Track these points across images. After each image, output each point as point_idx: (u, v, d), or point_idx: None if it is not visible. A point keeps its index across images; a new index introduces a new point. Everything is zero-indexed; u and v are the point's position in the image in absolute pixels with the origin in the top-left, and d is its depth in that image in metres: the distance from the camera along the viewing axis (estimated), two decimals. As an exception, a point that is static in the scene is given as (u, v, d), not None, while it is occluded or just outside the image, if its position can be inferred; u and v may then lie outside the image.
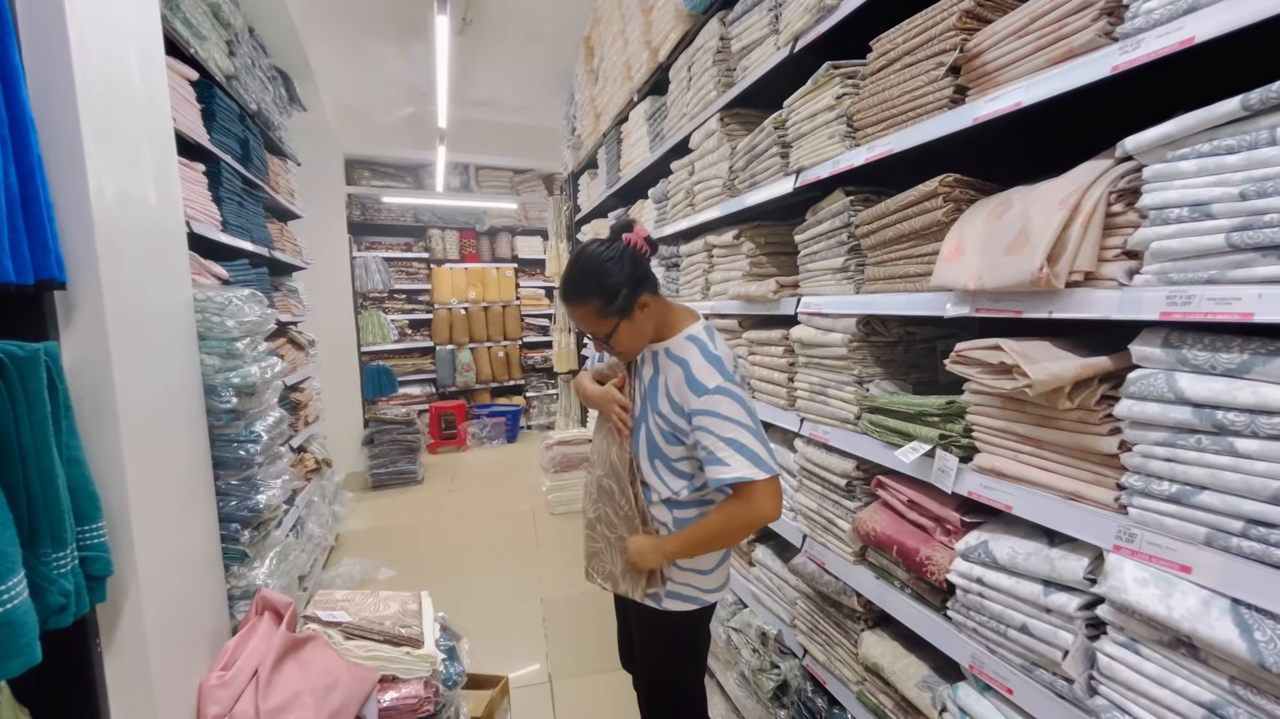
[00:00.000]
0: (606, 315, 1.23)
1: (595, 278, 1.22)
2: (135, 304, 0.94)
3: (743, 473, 1.16)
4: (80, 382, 0.81)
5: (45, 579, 0.69)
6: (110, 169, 0.89)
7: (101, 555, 0.77)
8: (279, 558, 1.46)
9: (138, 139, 1.01)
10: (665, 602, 1.37)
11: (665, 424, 1.26)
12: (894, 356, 1.49)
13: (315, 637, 1.28)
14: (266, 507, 1.32)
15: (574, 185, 4.48)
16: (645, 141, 2.81)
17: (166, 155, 1.17)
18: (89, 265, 0.81)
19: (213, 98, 2.37)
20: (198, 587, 1.16)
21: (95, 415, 0.83)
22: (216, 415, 1.25)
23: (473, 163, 6.53)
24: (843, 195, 1.49)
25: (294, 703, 1.12)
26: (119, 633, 0.87)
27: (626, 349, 1.30)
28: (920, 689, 1.28)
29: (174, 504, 1.06)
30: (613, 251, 1.23)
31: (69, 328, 0.80)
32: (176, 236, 1.20)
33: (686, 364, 1.24)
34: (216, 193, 2.37)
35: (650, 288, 1.27)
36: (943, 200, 1.16)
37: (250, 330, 1.32)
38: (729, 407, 1.19)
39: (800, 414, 1.68)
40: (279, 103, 3.44)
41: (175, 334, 1.13)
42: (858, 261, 1.46)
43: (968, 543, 1.13)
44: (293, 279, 3.71)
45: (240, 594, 1.30)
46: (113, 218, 0.89)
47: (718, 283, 2.15)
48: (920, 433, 1.23)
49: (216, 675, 1.12)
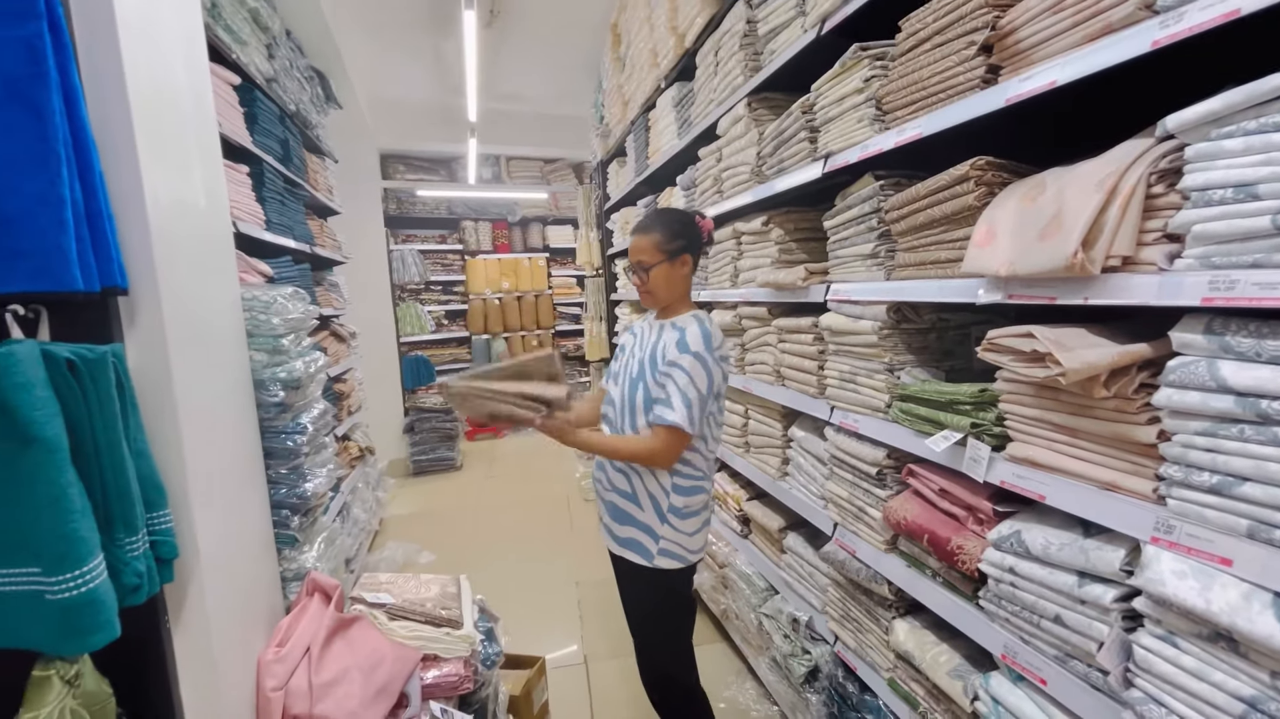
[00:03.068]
0: (660, 249, 1.48)
1: (670, 220, 1.51)
2: (190, 305, 1.00)
3: (678, 421, 1.39)
4: (143, 380, 0.87)
5: (120, 562, 0.75)
6: (164, 177, 0.94)
7: (169, 540, 0.83)
8: (326, 542, 1.54)
9: (187, 146, 1.07)
10: (657, 559, 1.50)
11: (657, 377, 1.46)
12: (926, 344, 1.47)
13: (362, 617, 1.35)
14: (314, 494, 1.40)
15: (603, 174, 4.48)
16: (673, 129, 2.80)
17: (214, 160, 1.23)
18: (147, 271, 0.87)
19: (254, 101, 2.45)
20: (254, 569, 1.23)
21: (157, 411, 0.89)
22: (265, 409, 1.32)
23: (503, 154, 6.59)
24: (872, 180, 1.46)
25: (343, 678, 1.18)
26: (185, 611, 0.94)
27: (655, 288, 1.52)
28: (952, 678, 1.28)
29: (230, 492, 1.13)
30: (686, 215, 1.55)
31: (132, 330, 0.86)
32: (225, 238, 1.26)
33: (683, 330, 1.46)
34: (260, 193, 2.46)
35: (695, 258, 1.55)
36: (974, 184, 1.13)
37: (294, 327, 1.39)
38: (698, 371, 1.41)
39: (830, 402, 1.67)
40: (316, 102, 3.53)
41: (226, 332, 1.20)
42: (888, 247, 1.44)
43: (1000, 533, 1.12)
44: (333, 273, 3.82)
45: (292, 576, 1.38)
46: (167, 224, 0.94)
47: (746, 270, 2.14)
48: (952, 421, 1.22)
49: (273, 651, 1.19)
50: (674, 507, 1.49)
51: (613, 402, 1.58)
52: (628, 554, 1.53)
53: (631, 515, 1.52)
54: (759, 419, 2.19)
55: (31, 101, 0.69)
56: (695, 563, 1.57)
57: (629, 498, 1.52)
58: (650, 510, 1.50)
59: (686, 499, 1.51)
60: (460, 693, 1.41)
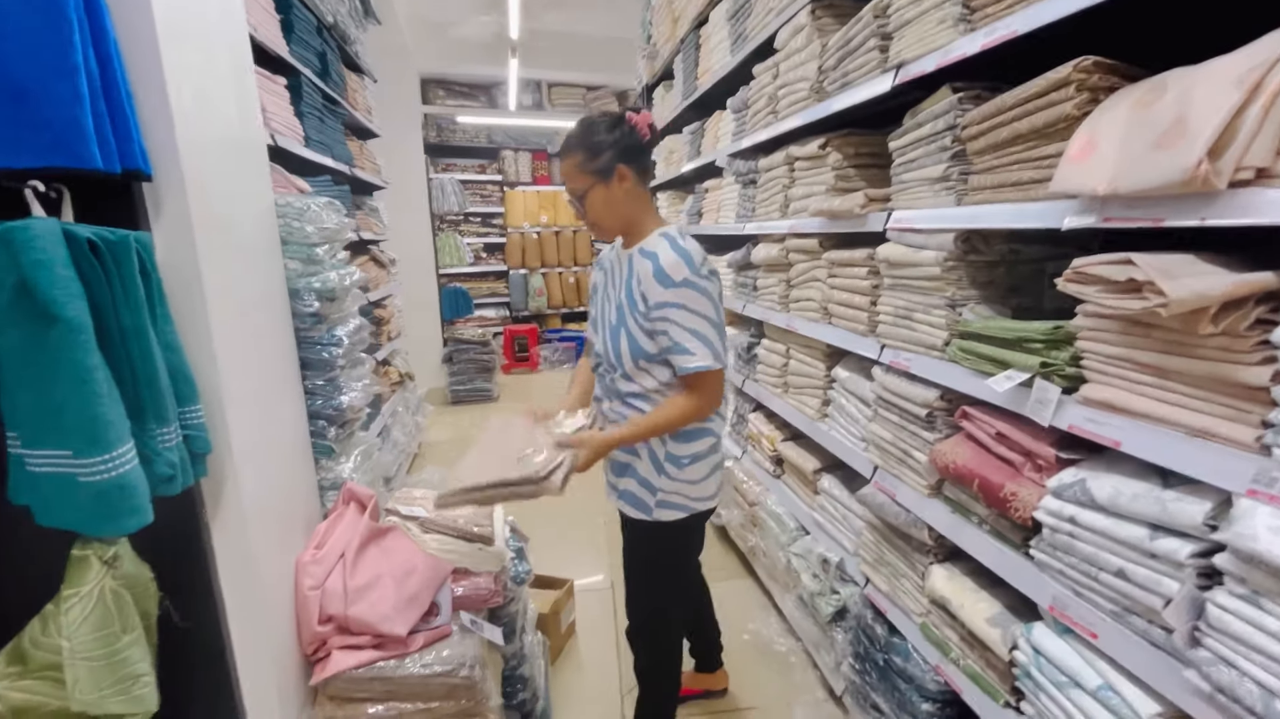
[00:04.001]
0: (586, 172, 1.29)
1: (589, 132, 1.29)
2: (219, 204, 0.96)
3: (706, 362, 1.25)
4: (171, 274, 0.85)
5: (153, 452, 0.75)
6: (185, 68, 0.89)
7: (201, 435, 0.83)
8: (364, 456, 1.56)
9: (213, 44, 1.01)
10: (656, 512, 1.39)
11: (643, 320, 1.29)
12: (993, 278, 1.34)
13: (395, 527, 1.37)
14: (349, 407, 1.40)
15: (648, 99, 4.26)
16: (725, 45, 2.59)
17: (243, 64, 1.17)
18: (172, 160, 0.83)
19: (290, 7, 2.36)
20: (291, 474, 1.25)
21: (187, 306, 0.87)
22: (301, 318, 1.31)
23: (545, 79, 6.35)
24: (950, 93, 1.31)
25: (376, 583, 1.21)
26: (221, 507, 0.95)
27: (598, 218, 1.34)
28: (990, 625, 1.23)
29: (265, 396, 1.13)
30: (610, 119, 1.31)
31: (158, 221, 0.83)
32: (257, 145, 1.22)
33: (655, 257, 1.27)
34: (298, 107, 2.41)
35: (635, 166, 1.31)
36: (1075, 89, 0.99)
37: (329, 237, 1.36)
38: (694, 299, 1.25)
39: (881, 340, 1.57)
40: (355, 15, 3.41)
41: (260, 237, 1.17)
42: (961, 169, 1.30)
43: (1061, 480, 1.04)
44: (374, 199, 3.80)
45: (329, 485, 1.41)
46: (192, 117, 0.90)
47: (799, 199, 2.01)
48: (1019, 360, 1.12)
49: (310, 553, 1.22)
50: (671, 455, 1.36)
51: (599, 354, 1.41)
52: (624, 507, 1.43)
53: (630, 467, 1.39)
54: (801, 359, 2.11)
55: (38, -42, 0.64)
56: (706, 510, 1.45)
57: (627, 452, 1.39)
58: (646, 460, 1.37)
59: (687, 445, 1.37)
60: (490, 606, 1.44)
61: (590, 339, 1.47)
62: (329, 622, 1.17)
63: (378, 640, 1.17)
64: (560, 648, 2.18)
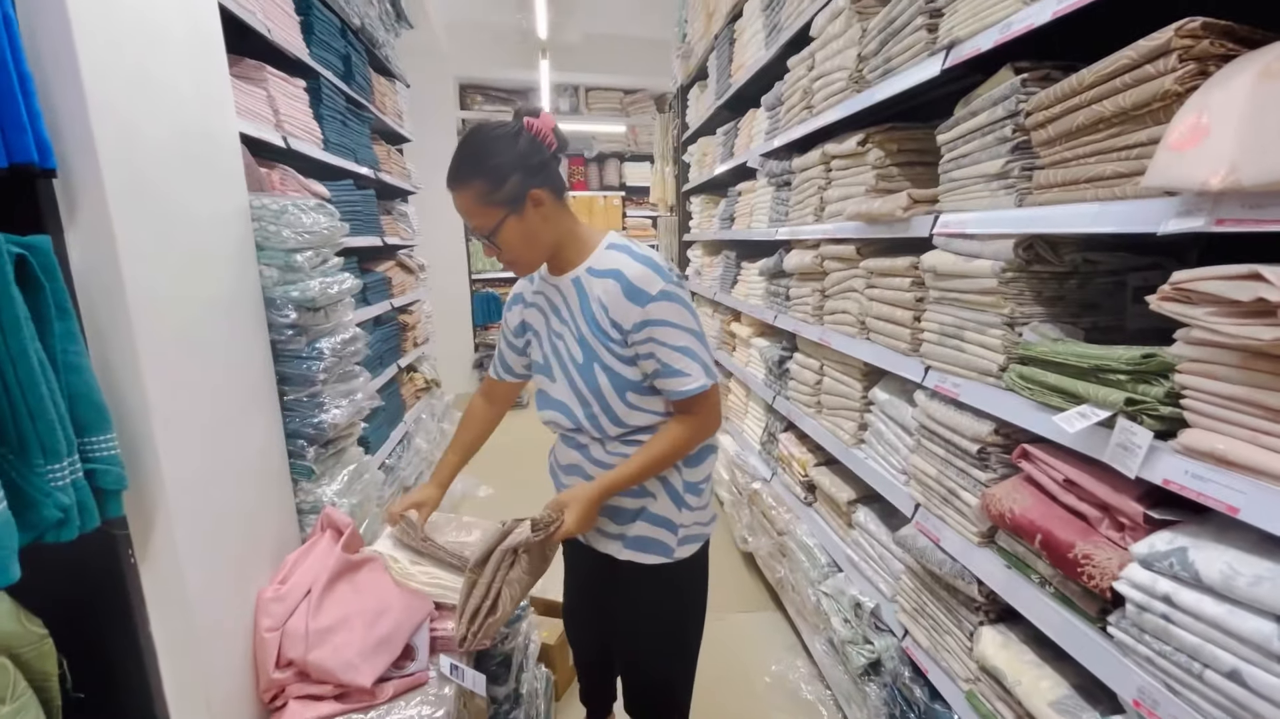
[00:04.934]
0: (492, 204, 1.05)
1: (480, 156, 1.04)
2: (156, 202, 0.86)
3: (701, 381, 1.10)
4: (90, 281, 0.75)
5: (40, 491, 0.65)
6: (111, 47, 0.79)
7: (112, 469, 0.73)
8: (352, 476, 1.46)
9: (160, 23, 0.91)
10: (679, 550, 1.21)
11: (619, 348, 1.11)
12: (1062, 293, 1.14)
13: (373, 559, 1.25)
14: (331, 425, 1.30)
15: (683, 100, 4.12)
16: (760, 37, 2.43)
17: (207, 42, 1.07)
18: (88, 154, 0.73)
19: (311, 8, 2.31)
20: (257, 500, 1.15)
21: (109, 319, 0.77)
22: (278, 330, 1.21)
23: (583, 84, 6.28)
24: (1011, 74, 1.12)
25: (342, 625, 1.10)
26: (152, 545, 0.85)
27: (516, 255, 1.12)
28: (1056, 712, 1.02)
29: (221, 416, 1.02)
30: (506, 130, 1.06)
31: (72, 222, 0.74)
32: (225, 136, 1.12)
33: (619, 273, 1.08)
34: (317, 110, 2.36)
35: (550, 185, 1.10)
36: (1178, 59, 0.79)
37: (314, 243, 1.26)
38: (676, 312, 1.09)
39: (925, 361, 1.37)
40: (385, 19, 3.38)
41: (224, 240, 1.07)
42: (1024, 164, 1.10)
43: (1153, 546, 0.83)
44: (405, 204, 3.76)
45: (309, 509, 1.31)
46: (120, 106, 0.80)
47: (835, 201, 1.82)
48: (1096, 394, 0.92)
49: (273, 589, 1.12)
50: (689, 483, 1.21)
51: (561, 403, 1.19)
52: (641, 557, 1.21)
53: (644, 510, 1.20)
54: (835, 377, 1.91)
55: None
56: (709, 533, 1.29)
57: (635, 493, 1.20)
58: (664, 497, 1.19)
59: (700, 469, 1.23)
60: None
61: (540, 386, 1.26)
62: (288, 666, 1.06)
63: (340, 690, 1.05)
64: (568, 681, 2.03)
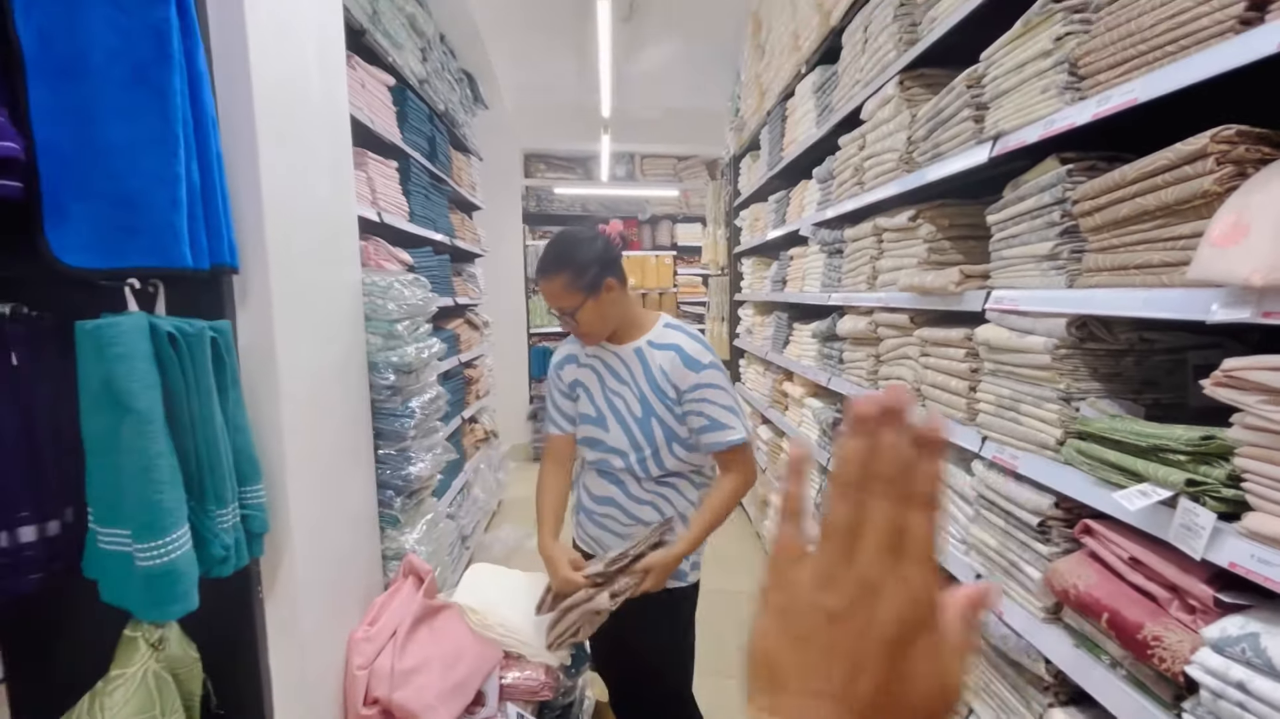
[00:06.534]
0: (575, 289, 1.34)
1: (571, 252, 1.35)
2: (302, 287, 1.03)
3: (742, 434, 1.37)
4: (250, 358, 0.90)
5: (210, 532, 0.78)
6: (284, 163, 0.97)
7: (259, 514, 0.85)
8: (429, 525, 1.57)
9: (313, 135, 1.11)
10: (690, 574, 1.48)
11: (674, 407, 1.39)
12: (1119, 369, 1.16)
13: (450, 606, 1.34)
14: (417, 477, 1.42)
15: (735, 169, 4.32)
16: (812, 116, 2.57)
17: (341, 150, 1.28)
18: (259, 252, 0.90)
19: (406, 100, 2.61)
20: (353, 546, 1.27)
21: (262, 388, 0.92)
22: (378, 390, 1.36)
23: (638, 152, 6.64)
24: (1057, 163, 1.19)
25: (424, 667, 1.18)
26: (278, 583, 0.97)
27: (590, 329, 1.40)
28: (1133, 803, 0.99)
29: (333, 469, 1.16)
30: (587, 234, 1.39)
31: (244, 308, 0.90)
32: (346, 224, 1.31)
33: (678, 347, 1.38)
34: (406, 186, 2.63)
35: (618, 276, 1.39)
36: (1215, 163, 0.85)
37: (411, 313, 1.42)
38: (721, 379, 1.38)
39: (982, 431, 1.40)
40: (465, 102, 3.75)
41: (342, 314, 1.24)
42: (1073, 247, 1.15)
43: (1225, 631, 0.83)
44: (473, 265, 4.05)
45: (393, 555, 1.42)
46: (284, 208, 0.97)
47: (887, 271, 1.89)
48: (1156, 473, 0.93)
49: (364, 629, 1.22)
50: None
51: (615, 449, 1.43)
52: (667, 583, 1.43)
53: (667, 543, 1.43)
54: (890, 441, 1.93)
55: (156, 84, 0.72)
56: None
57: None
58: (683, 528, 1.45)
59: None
60: (539, 699, 1.36)
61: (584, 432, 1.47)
62: (374, 704, 1.14)
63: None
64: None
